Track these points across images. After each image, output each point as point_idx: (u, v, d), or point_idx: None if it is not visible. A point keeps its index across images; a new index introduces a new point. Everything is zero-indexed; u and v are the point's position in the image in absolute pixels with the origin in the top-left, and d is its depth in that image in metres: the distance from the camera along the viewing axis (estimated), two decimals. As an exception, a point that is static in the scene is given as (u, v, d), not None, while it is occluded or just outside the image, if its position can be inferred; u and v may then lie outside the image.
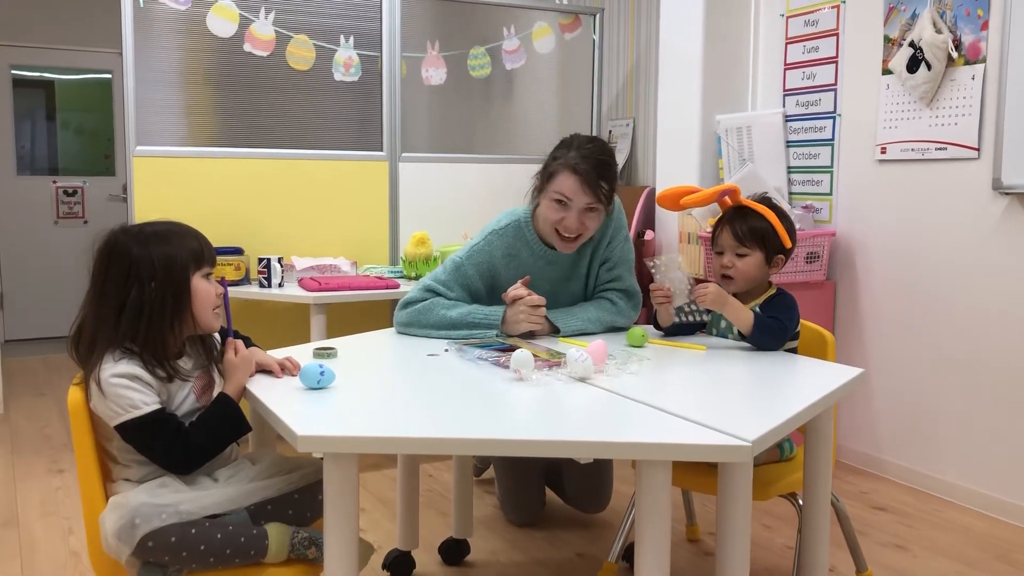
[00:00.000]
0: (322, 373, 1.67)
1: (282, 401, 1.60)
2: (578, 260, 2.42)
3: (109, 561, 1.61)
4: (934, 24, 3.06)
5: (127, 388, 1.58)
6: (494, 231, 2.39)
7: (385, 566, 2.48)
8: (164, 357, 1.65)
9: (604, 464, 2.79)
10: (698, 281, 2.23)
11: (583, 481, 2.78)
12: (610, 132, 4.94)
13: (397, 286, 3.46)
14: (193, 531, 1.54)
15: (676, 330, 2.30)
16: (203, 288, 1.69)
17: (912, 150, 3.22)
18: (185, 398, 1.69)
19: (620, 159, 4.80)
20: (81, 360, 1.65)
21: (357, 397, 1.67)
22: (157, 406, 1.60)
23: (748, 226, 2.19)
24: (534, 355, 1.85)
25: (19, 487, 3.21)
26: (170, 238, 1.68)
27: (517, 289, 2.23)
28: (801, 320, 2.23)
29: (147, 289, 1.62)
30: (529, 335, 2.24)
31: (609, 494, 2.82)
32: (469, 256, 2.37)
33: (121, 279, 1.62)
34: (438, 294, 2.32)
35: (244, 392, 1.71)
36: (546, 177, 2.28)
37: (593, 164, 2.22)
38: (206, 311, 1.70)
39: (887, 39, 3.28)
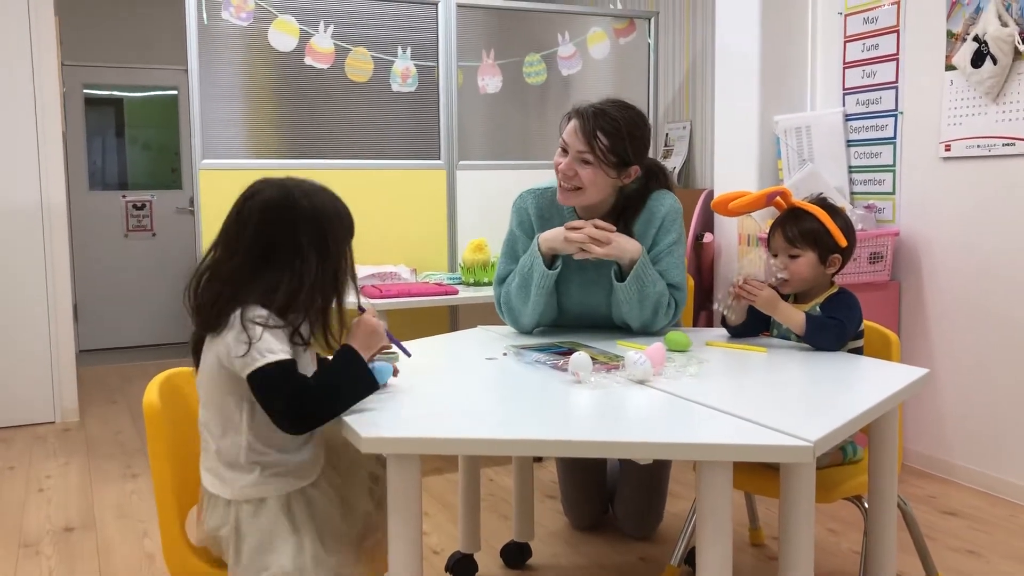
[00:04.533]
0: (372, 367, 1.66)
1: (346, 404, 1.63)
2: None
3: (184, 564, 1.66)
4: (999, 17, 2.99)
5: (269, 332, 1.52)
6: (529, 190, 2.46)
7: (448, 568, 2.51)
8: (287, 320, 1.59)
9: (655, 491, 2.76)
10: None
11: (633, 503, 2.76)
12: (667, 136, 4.93)
13: (456, 292, 3.49)
14: None
15: (740, 331, 2.28)
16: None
17: (978, 147, 3.15)
18: (307, 365, 1.63)
19: (677, 162, 4.78)
20: (207, 304, 1.58)
21: (418, 400, 1.70)
22: (290, 356, 1.54)
23: (799, 228, 2.17)
24: (592, 358, 1.86)
25: (95, 491, 3.33)
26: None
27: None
28: (865, 321, 2.20)
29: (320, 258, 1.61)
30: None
31: (656, 521, 2.79)
32: (511, 218, 2.46)
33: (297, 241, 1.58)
34: (506, 277, 2.41)
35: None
36: (562, 126, 2.31)
37: (598, 116, 2.22)
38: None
39: (950, 34, 3.21)
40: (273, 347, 1.51)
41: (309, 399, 1.52)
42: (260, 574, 1.55)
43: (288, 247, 1.58)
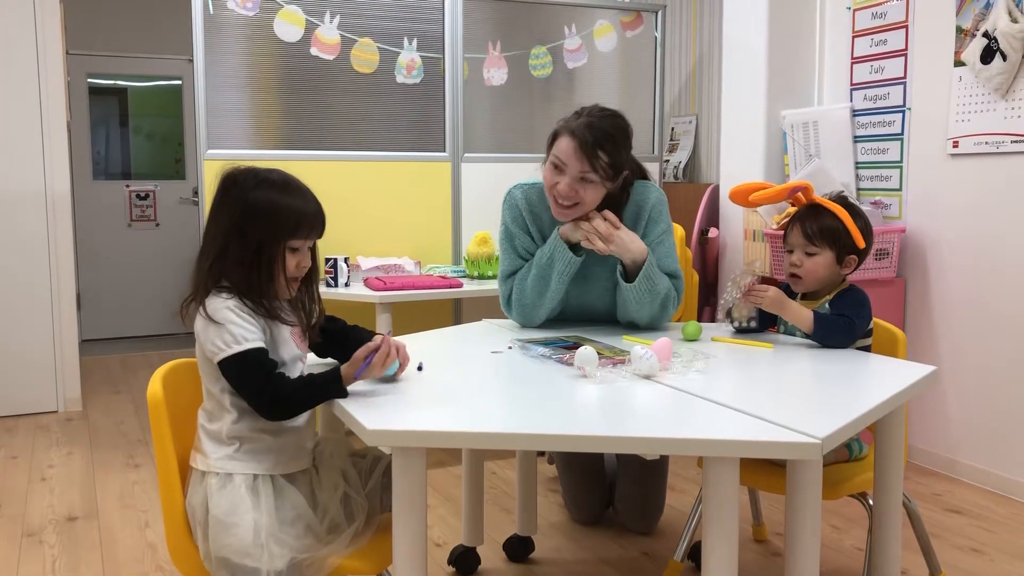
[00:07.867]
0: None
1: (351, 397, 1.63)
2: None
3: (187, 553, 1.66)
4: (1009, 13, 2.98)
5: (233, 324, 1.60)
6: (517, 184, 2.44)
7: (451, 561, 2.51)
8: (261, 295, 1.66)
9: (655, 484, 2.76)
10: (763, 280, 2.20)
11: (632, 498, 2.76)
12: (672, 129, 4.91)
13: (460, 285, 3.48)
14: None
15: (747, 328, 2.27)
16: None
17: (986, 143, 3.13)
18: (287, 342, 1.70)
19: (683, 156, 4.76)
20: (196, 283, 1.69)
21: (423, 393, 1.69)
22: (261, 344, 1.62)
23: (819, 225, 2.14)
24: (598, 353, 1.85)
25: (98, 481, 3.33)
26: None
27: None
28: (872, 318, 2.18)
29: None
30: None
31: (656, 516, 2.79)
32: (504, 214, 2.44)
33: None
34: (512, 273, 2.38)
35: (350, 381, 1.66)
36: (550, 140, 2.27)
37: (594, 132, 2.17)
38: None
39: (959, 30, 3.20)
40: (238, 335, 1.59)
41: (275, 395, 1.60)
42: (221, 551, 1.58)
43: (221, 229, 1.66)
